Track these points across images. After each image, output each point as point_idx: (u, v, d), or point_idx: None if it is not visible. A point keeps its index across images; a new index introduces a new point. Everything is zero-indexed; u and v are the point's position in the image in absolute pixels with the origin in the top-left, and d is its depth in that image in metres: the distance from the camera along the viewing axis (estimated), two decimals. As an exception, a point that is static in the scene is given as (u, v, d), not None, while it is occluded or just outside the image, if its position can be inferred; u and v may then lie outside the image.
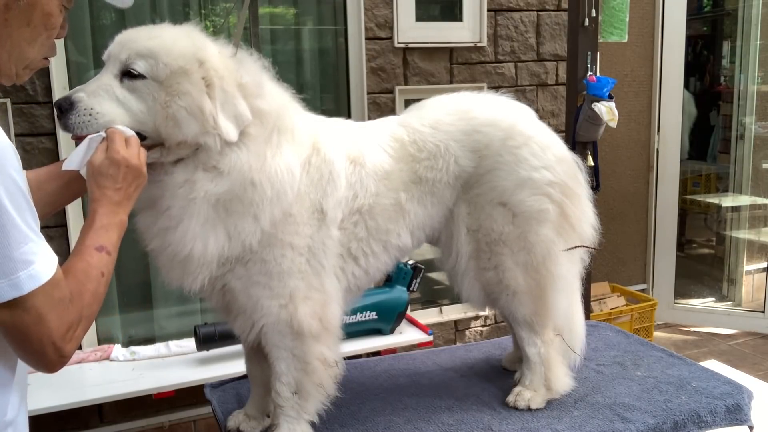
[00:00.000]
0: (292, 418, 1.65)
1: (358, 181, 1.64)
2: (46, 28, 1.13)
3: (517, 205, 1.73)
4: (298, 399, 1.64)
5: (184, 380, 2.76)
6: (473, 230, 1.77)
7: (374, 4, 3.35)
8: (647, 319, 4.03)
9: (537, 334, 1.83)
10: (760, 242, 4.73)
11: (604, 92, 2.72)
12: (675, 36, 4.25)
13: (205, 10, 3.23)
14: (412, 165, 1.71)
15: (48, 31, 1.14)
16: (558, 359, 1.87)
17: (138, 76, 1.42)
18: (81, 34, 2.96)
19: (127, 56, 1.43)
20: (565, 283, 1.83)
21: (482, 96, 1.86)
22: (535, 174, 1.72)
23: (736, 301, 4.68)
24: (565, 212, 1.78)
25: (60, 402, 2.60)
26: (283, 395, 1.64)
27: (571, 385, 1.91)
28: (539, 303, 1.80)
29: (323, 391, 1.65)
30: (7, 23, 1.07)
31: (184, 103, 1.41)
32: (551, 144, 1.78)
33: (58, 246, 2.88)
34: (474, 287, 1.83)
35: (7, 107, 2.77)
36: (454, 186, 1.74)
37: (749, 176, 4.69)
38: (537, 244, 1.75)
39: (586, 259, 1.92)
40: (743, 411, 1.87)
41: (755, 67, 4.60)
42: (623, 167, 4.36)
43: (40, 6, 1.10)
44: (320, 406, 1.67)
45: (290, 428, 1.65)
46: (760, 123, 4.62)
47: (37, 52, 1.15)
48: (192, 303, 3.32)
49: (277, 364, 1.64)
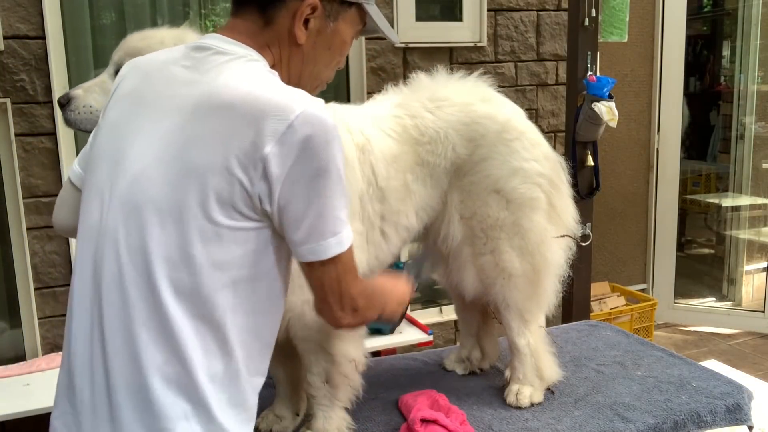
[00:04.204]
0: (326, 406, 1.69)
1: (369, 168, 1.69)
2: (341, 53, 1.30)
3: (511, 192, 1.80)
4: (330, 388, 1.68)
5: (184, 380, 2.76)
6: (467, 217, 1.83)
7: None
8: (647, 318, 4.03)
9: (527, 325, 1.88)
10: (760, 242, 4.73)
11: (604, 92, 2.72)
12: (675, 36, 4.25)
13: (205, 10, 3.23)
14: (415, 148, 1.77)
15: (341, 56, 1.31)
16: (546, 348, 1.93)
17: None
18: (81, 34, 2.96)
19: (119, 56, 1.57)
20: (557, 269, 1.91)
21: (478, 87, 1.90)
22: (526, 165, 1.81)
23: (736, 301, 4.68)
24: (552, 203, 1.87)
25: (60, 402, 2.60)
26: (315, 385, 1.69)
27: (562, 374, 1.96)
28: (534, 287, 1.86)
29: (349, 382, 1.70)
30: (315, 46, 1.23)
31: None
32: (540, 142, 1.89)
33: (58, 246, 2.88)
34: (468, 273, 1.87)
35: (7, 107, 2.77)
36: (449, 171, 1.81)
37: (749, 176, 4.69)
38: (531, 230, 1.83)
39: (572, 248, 1.98)
40: (743, 411, 1.87)
41: (755, 67, 4.60)
42: (623, 167, 4.36)
43: (340, 34, 1.26)
44: (352, 394, 1.72)
45: (325, 416, 1.69)
46: (760, 123, 4.62)
47: (328, 74, 1.32)
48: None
49: (306, 356, 1.68)
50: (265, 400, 1.95)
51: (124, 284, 1.08)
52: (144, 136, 1.12)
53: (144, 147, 1.11)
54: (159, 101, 1.14)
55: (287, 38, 1.20)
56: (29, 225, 2.85)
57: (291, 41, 1.20)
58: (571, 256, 1.97)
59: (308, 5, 1.18)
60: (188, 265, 1.06)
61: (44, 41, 2.79)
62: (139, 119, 1.15)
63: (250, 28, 1.18)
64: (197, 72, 1.13)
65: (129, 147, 1.13)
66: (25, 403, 2.56)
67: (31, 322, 2.93)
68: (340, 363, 1.67)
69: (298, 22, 1.18)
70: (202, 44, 1.18)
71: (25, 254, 2.85)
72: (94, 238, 1.13)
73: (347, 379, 1.69)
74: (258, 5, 1.18)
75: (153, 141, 1.10)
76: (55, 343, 2.97)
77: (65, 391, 1.16)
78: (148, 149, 1.10)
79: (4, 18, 2.74)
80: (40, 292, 2.92)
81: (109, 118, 1.21)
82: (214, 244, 1.06)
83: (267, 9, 1.18)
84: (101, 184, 1.15)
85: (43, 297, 2.93)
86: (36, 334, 2.93)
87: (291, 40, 1.20)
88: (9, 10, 2.74)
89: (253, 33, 1.18)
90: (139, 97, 1.17)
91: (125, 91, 1.21)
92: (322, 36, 1.23)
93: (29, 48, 2.79)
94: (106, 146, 1.18)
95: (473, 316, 2.11)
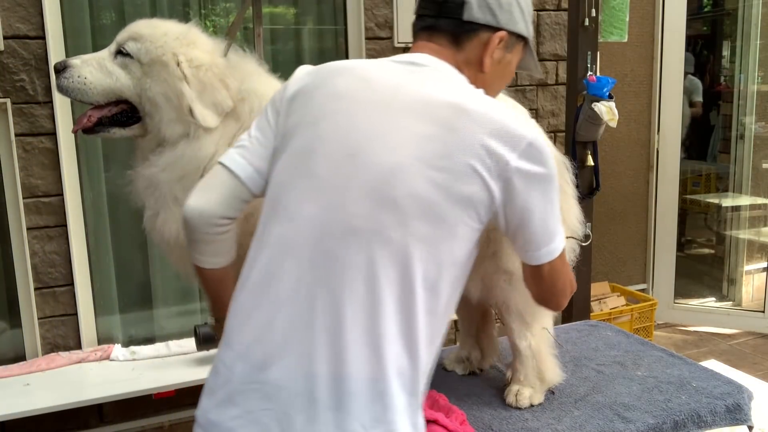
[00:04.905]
0: None
1: None
2: (506, 82, 1.42)
3: None
4: None
5: (184, 380, 2.77)
6: None
7: (374, 3, 3.35)
8: (647, 318, 4.03)
9: (528, 327, 1.87)
10: (760, 242, 4.73)
11: (604, 92, 2.72)
12: (675, 36, 4.25)
13: (205, 10, 3.23)
14: None
15: (505, 85, 1.44)
16: (548, 350, 1.92)
17: (127, 55, 1.62)
18: (81, 34, 2.96)
19: (122, 37, 1.64)
20: None
21: None
22: None
23: (736, 301, 4.68)
24: None
25: (60, 402, 2.60)
26: None
27: (563, 376, 1.95)
28: None
29: None
30: (493, 73, 1.34)
31: (161, 89, 1.59)
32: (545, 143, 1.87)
33: (58, 246, 2.88)
34: (471, 275, 1.85)
35: (7, 107, 2.77)
36: None
37: (749, 176, 4.69)
38: None
39: (575, 249, 1.97)
40: (743, 411, 1.87)
41: (755, 67, 4.59)
42: (623, 167, 4.36)
43: (511, 65, 1.38)
44: None
45: None
46: (760, 123, 4.62)
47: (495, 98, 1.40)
48: (192, 303, 3.32)
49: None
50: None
51: (377, 276, 1.11)
52: (390, 135, 1.16)
53: (393, 145, 1.15)
54: (398, 104, 1.19)
55: (475, 65, 1.31)
56: (29, 225, 2.85)
57: (477, 67, 1.31)
58: (574, 258, 1.96)
59: (498, 37, 1.30)
60: (437, 261, 1.14)
61: (44, 41, 2.80)
62: (375, 119, 1.18)
63: (444, 53, 1.29)
64: (428, 84, 1.22)
65: (368, 143, 1.16)
66: (25, 403, 2.56)
67: (31, 322, 2.93)
68: None
69: (489, 51, 1.30)
70: (417, 60, 1.27)
71: (25, 254, 2.85)
72: (315, 227, 1.15)
73: None
74: (452, 34, 1.29)
75: (404, 141, 1.15)
76: (55, 343, 2.97)
77: (255, 386, 1.13)
78: (401, 148, 1.15)
79: (4, 18, 2.74)
80: (40, 292, 2.92)
81: (316, 115, 1.22)
82: (455, 241, 1.16)
83: (460, 37, 1.29)
84: (324, 173, 1.17)
85: (43, 297, 2.93)
86: (36, 334, 2.93)
87: (478, 66, 1.31)
88: (9, 10, 2.75)
89: (446, 57, 1.29)
90: (366, 99, 1.21)
91: (335, 91, 1.23)
92: (500, 65, 1.34)
93: (29, 48, 2.79)
94: (327, 140, 1.19)
95: (473, 316, 2.10)
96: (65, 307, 2.97)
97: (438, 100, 1.18)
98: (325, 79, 1.27)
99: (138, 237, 3.16)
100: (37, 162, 2.84)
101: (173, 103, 1.59)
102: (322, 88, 1.26)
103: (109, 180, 3.08)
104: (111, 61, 1.62)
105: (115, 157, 3.07)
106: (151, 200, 1.63)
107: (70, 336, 3.00)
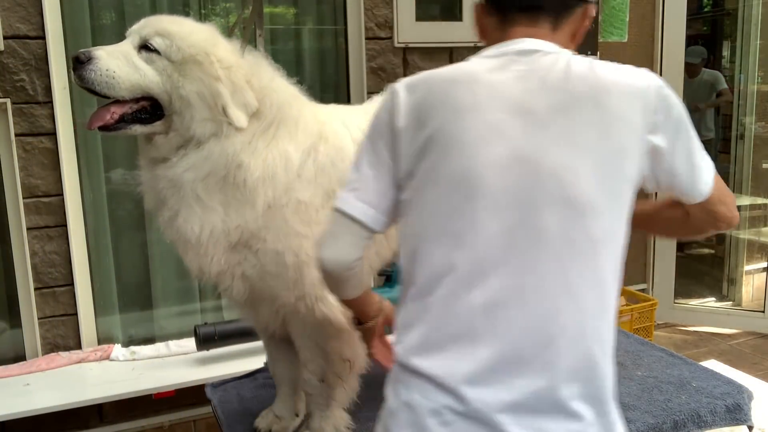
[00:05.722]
0: (323, 405, 1.68)
1: None
2: None
3: None
4: (325, 387, 1.67)
5: (184, 380, 2.76)
6: None
7: (374, 3, 3.35)
8: (647, 318, 4.03)
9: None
10: (760, 242, 4.73)
11: (604, 92, 2.72)
12: (675, 36, 4.25)
13: (205, 10, 3.23)
14: None
15: None
16: None
17: (154, 51, 1.54)
18: (81, 34, 2.96)
19: (147, 32, 1.56)
20: None
21: None
22: None
23: (736, 301, 4.68)
24: None
25: (60, 402, 2.60)
26: (311, 384, 1.67)
27: None
28: None
29: (343, 383, 1.68)
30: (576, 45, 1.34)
31: (195, 88, 1.53)
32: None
33: (58, 246, 2.88)
34: None
35: (7, 107, 2.77)
36: None
37: (749, 176, 4.69)
38: None
39: None
40: (743, 411, 1.87)
41: (755, 67, 4.59)
42: (623, 167, 4.35)
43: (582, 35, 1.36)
44: (349, 395, 1.70)
45: (322, 416, 1.68)
46: (760, 123, 4.62)
47: None
48: (192, 303, 3.32)
49: (302, 352, 1.67)
50: (264, 400, 1.95)
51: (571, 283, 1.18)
52: (559, 137, 1.16)
53: (564, 145, 1.16)
54: (543, 103, 1.17)
55: (568, 41, 1.32)
56: (29, 225, 2.85)
57: (569, 41, 1.32)
58: None
59: (594, 7, 1.33)
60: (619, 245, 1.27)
61: (44, 41, 2.79)
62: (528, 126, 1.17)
63: (545, 34, 1.29)
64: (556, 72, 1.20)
65: (544, 149, 1.15)
66: (25, 403, 2.56)
67: (31, 322, 2.93)
68: (335, 362, 1.66)
69: (585, 23, 1.32)
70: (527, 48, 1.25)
71: (25, 254, 2.85)
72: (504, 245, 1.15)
73: (340, 380, 1.67)
74: (555, 13, 1.29)
75: (570, 138, 1.16)
76: (55, 343, 2.97)
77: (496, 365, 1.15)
78: (573, 147, 1.16)
79: (4, 18, 2.74)
80: (40, 292, 2.92)
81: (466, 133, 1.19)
82: (624, 219, 1.26)
83: (560, 16, 1.29)
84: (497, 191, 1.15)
85: (43, 297, 2.93)
86: (36, 334, 2.93)
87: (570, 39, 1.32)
88: (9, 10, 2.75)
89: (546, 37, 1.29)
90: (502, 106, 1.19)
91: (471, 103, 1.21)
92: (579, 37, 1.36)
93: (29, 48, 2.79)
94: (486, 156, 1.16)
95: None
96: (65, 307, 2.97)
97: (579, 87, 1.18)
98: (446, 93, 1.25)
99: (138, 237, 3.16)
100: (37, 162, 2.84)
101: (207, 102, 1.53)
102: (447, 105, 1.23)
103: (110, 180, 3.08)
104: (137, 56, 1.54)
105: (115, 157, 3.06)
106: (172, 200, 1.57)
107: (70, 336, 3.00)
